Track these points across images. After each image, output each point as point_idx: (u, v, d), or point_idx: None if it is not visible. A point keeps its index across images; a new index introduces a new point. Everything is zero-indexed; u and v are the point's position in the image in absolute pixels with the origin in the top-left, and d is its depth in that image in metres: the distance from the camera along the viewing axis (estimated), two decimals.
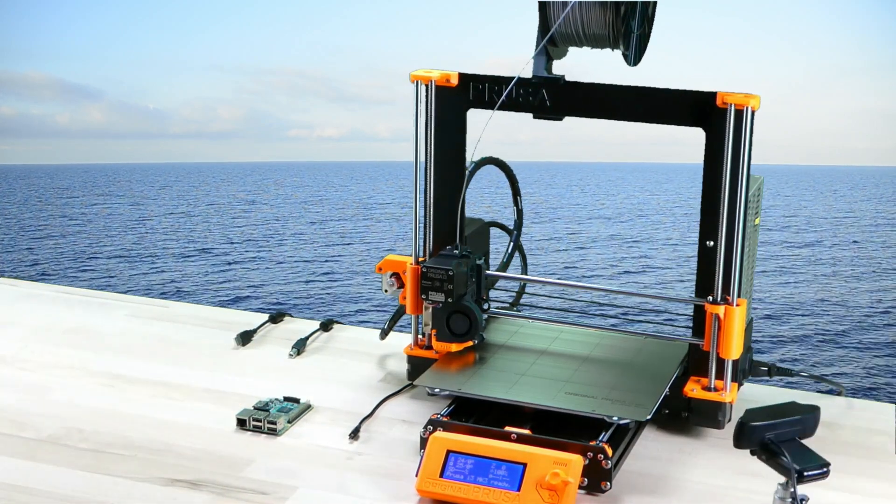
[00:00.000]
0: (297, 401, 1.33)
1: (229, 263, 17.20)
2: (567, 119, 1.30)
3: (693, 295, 1.28)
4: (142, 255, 17.92)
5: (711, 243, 1.25)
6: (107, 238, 20.20)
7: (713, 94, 1.21)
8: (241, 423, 1.27)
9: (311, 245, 20.10)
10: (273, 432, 1.26)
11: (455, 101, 1.32)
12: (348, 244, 20.47)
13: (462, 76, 1.32)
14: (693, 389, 1.27)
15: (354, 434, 1.26)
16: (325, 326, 1.63)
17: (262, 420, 1.26)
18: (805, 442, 0.99)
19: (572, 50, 1.32)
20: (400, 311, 1.47)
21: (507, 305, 1.50)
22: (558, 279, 1.42)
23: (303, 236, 21.64)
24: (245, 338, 1.57)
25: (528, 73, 1.28)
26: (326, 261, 17.75)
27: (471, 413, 1.22)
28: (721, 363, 1.26)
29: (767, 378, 1.38)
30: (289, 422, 1.29)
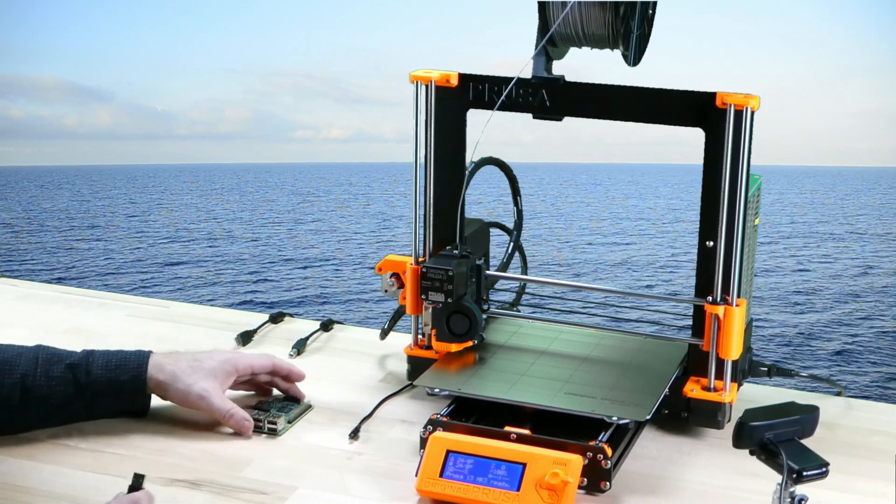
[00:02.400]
0: (297, 401, 1.34)
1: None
2: (567, 119, 1.30)
3: (693, 295, 1.28)
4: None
5: (711, 243, 1.25)
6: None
7: (713, 95, 1.21)
8: None
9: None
10: (273, 432, 1.26)
11: (455, 101, 1.32)
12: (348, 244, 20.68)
13: (462, 76, 1.32)
14: (693, 389, 1.27)
15: (354, 434, 1.26)
16: (325, 326, 1.63)
17: (262, 420, 1.26)
18: (804, 442, 1.00)
19: (572, 50, 1.32)
20: (400, 312, 1.47)
21: (507, 305, 1.50)
22: (558, 279, 1.42)
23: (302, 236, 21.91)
24: (245, 338, 1.57)
25: (527, 73, 1.28)
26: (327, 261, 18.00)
27: (470, 413, 1.22)
28: (721, 363, 1.26)
29: (767, 378, 1.38)
30: (289, 422, 1.29)
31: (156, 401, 1.34)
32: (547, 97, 1.29)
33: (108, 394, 1.23)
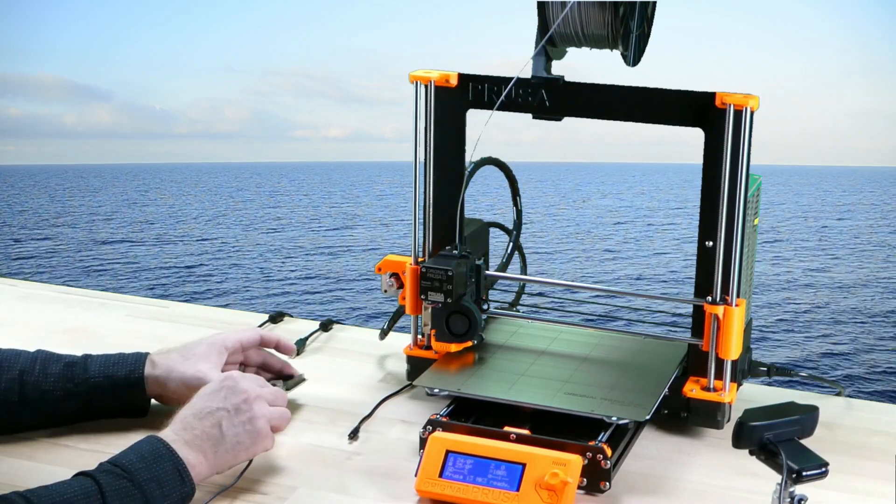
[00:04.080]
0: (290, 376, 1.38)
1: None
2: (567, 119, 1.30)
3: (692, 295, 1.28)
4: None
5: (710, 243, 1.25)
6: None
7: (712, 95, 1.21)
8: None
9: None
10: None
11: (454, 101, 1.32)
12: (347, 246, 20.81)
13: (461, 76, 1.32)
14: (692, 389, 1.27)
15: (354, 434, 1.27)
16: (325, 326, 1.63)
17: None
18: (804, 442, 1.00)
19: (572, 50, 1.32)
20: (399, 312, 1.47)
21: (507, 305, 1.50)
22: (558, 279, 1.42)
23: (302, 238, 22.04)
24: None
25: (527, 73, 1.28)
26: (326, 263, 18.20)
27: (470, 413, 1.22)
28: (720, 363, 1.26)
29: (766, 378, 1.38)
30: (286, 388, 1.33)
31: (156, 401, 1.34)
32: (546, 97, 1.29)
33: (105, 391, 1.24)
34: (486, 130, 1.28)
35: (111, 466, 1.03)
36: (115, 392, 1.24)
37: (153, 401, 1.28)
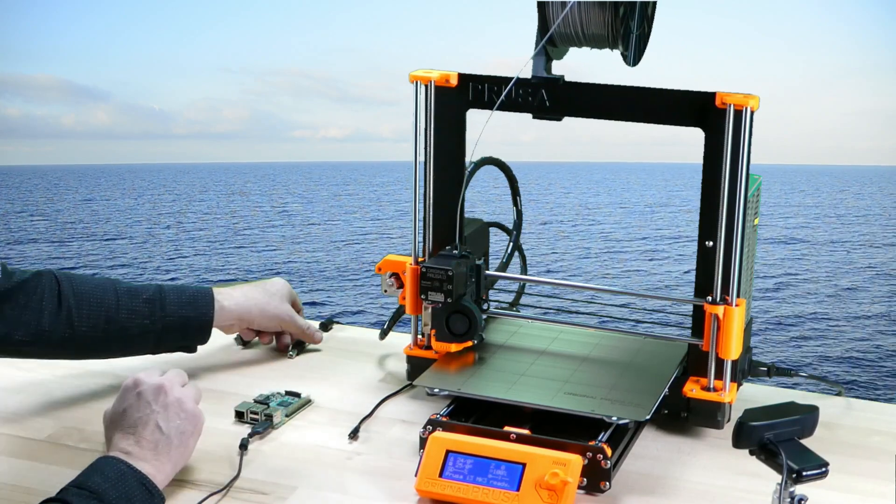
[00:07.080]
0: (298, 395, 1.34)
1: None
2: (567, 119, 1.30)
3: (692, 295, 1.28)
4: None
5: (710, 243, 1.25)
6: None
7: (712, 95, 1.21)
8: (239, 416, 1.28)
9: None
10: (269, 424, 1.27)
11: (454, 101, 1.32)
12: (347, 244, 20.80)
13: (461, 76, 1.32)
14: (692, 389, 1.27)
15: (354, 434, 1.27)
16: (325, 326, 1.63)
17: (258, 413, 1.27)
18: (804, 442, 1.00)
19: (572, 50, 1.32)
20: (399, 311, 1.47)
21: (507, 305, 1.50)
22: (558, 279, 1.42)
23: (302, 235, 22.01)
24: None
25: (527, 73, 1.28)
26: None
27: (470, 413, 1.22)
28: (720, 363, 1.26)
29: (767, 378, 1.39)
30: (287, 415, 1.29)
31: None
32: (547, 97, 1.29)
33: (177, 329, 1.34)
34: (486, 130, 1.29)
35: (78, 490, 1.02)
36: (184, 332, 1.34)
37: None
